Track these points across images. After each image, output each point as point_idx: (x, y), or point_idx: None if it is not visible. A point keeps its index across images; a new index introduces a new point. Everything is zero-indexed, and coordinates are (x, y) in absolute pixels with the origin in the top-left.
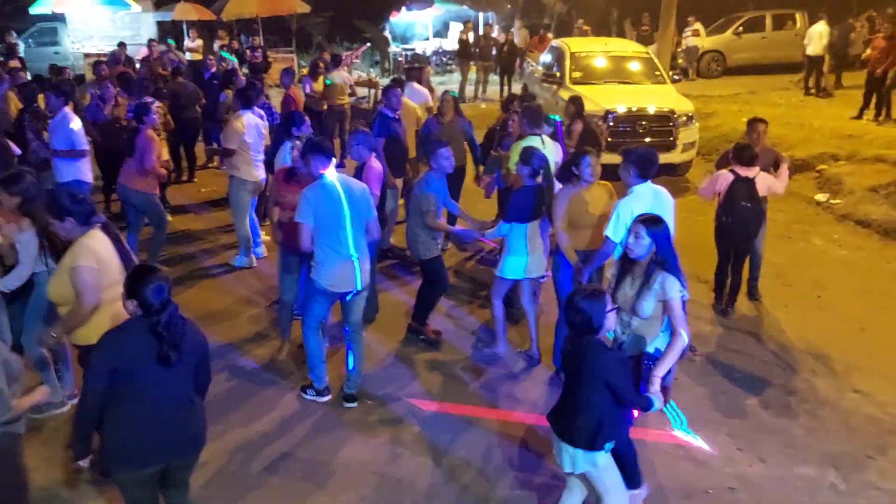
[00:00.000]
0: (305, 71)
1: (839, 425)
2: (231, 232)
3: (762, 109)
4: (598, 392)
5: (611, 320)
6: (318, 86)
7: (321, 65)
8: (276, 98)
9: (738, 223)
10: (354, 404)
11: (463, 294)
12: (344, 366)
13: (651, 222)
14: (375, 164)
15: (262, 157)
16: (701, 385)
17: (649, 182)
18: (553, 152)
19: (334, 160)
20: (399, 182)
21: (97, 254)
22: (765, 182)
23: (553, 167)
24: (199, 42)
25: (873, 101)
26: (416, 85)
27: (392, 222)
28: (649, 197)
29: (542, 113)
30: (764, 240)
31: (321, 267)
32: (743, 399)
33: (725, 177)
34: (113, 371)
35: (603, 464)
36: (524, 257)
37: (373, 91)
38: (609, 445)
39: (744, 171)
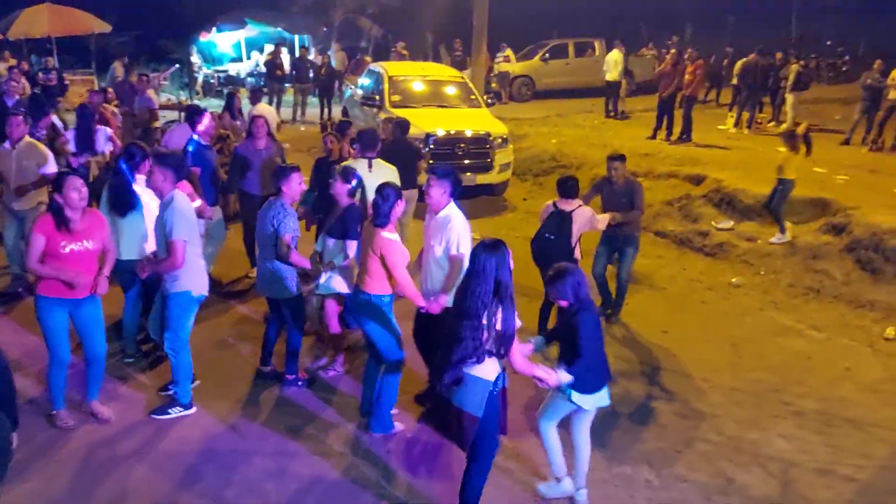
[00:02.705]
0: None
1: (650, 424)
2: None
3: (569, 131)
4: None
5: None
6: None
7: (110, 90)
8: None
9: (539, 253)
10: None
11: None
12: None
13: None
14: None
15: None
16: (519, 396)
17: None
18: (383, 176)
19: None
20: (216, 211)
21: None
22: (583, 216)
23: None
24: None
25: (665, 122)
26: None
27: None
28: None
29: (378, 136)
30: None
31: (196, 276)
32: None
33: (548, 207)
34: None
35: None
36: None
37: (183, 115)
38: None
39: (561, 204)
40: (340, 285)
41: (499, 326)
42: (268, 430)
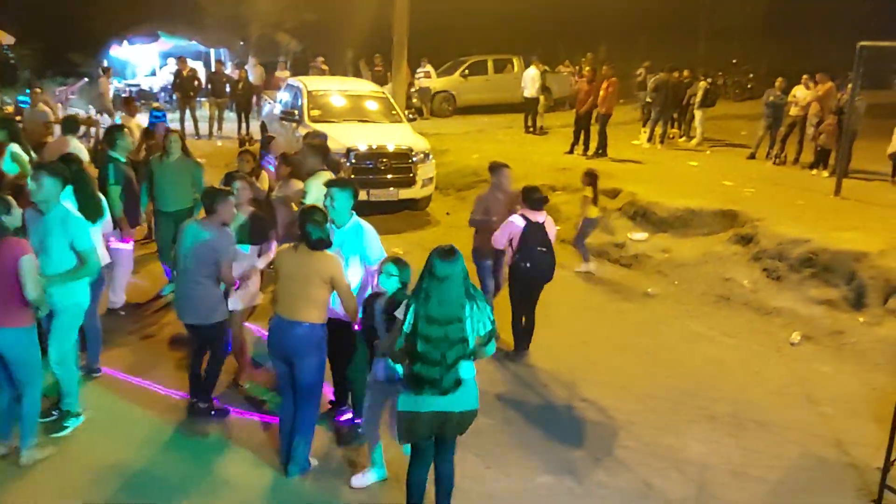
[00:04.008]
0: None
1: (571, 432)
2: None
3: (490, 146)
4: None
5: None
6: None
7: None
8: None
9: (536, 269)
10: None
11: None
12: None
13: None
14: None
15: None
16: None
17: None
18: None
19: None
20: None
21: None
22: (552, 226)
23: None
24: None
25: (582, 137)
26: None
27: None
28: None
29: (329, 148)
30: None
31: (84, 286)
32: (486, 418)
33: (518, 222)
34: None
35: None
36: None
37: (94, 130)
38: None
39: (533, 216)
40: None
41: (489, 325)
42: (183, 459)
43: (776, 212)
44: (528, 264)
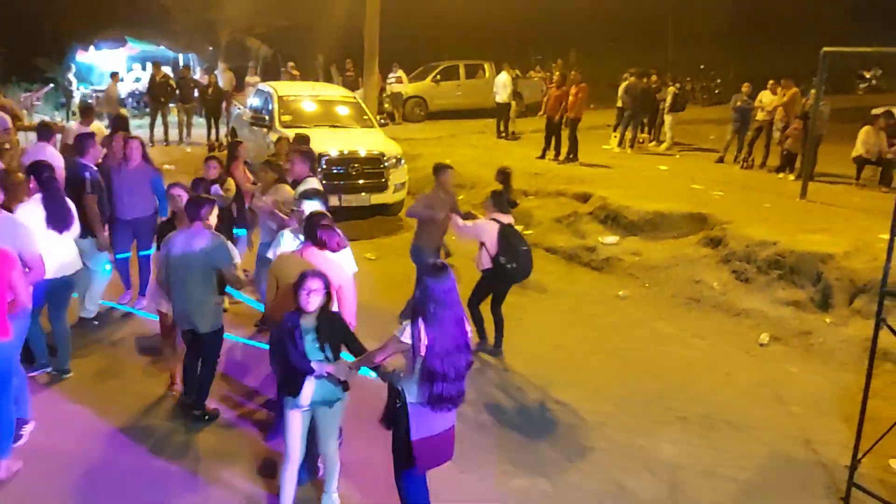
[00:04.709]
0: None
1: (545, 435)
2: None
3: (462, 151)
4: None
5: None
6: None
7: None
8: None
9: (522, 267)
10: None
11: None
12: None
13: None
14: None
15: None
16: None
17: None
18: None
19: None
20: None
21: None
22: None
23: None
24: None
25: (553, 142)
26: None
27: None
28: None
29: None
30: None
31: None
32: (460, 423)
33: (491, 226)
34: None
35: None
36: None
37: (60, 136)
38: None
39: (505, 219)
40: None
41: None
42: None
43: (744, 215)
44: (514, 265)
